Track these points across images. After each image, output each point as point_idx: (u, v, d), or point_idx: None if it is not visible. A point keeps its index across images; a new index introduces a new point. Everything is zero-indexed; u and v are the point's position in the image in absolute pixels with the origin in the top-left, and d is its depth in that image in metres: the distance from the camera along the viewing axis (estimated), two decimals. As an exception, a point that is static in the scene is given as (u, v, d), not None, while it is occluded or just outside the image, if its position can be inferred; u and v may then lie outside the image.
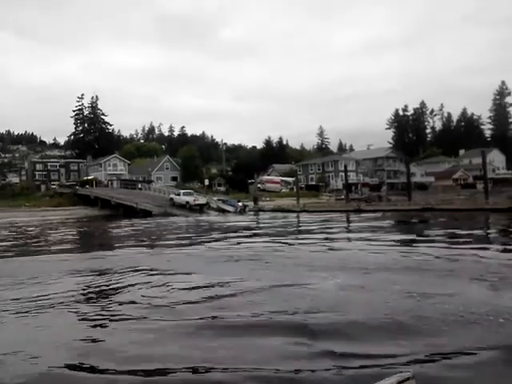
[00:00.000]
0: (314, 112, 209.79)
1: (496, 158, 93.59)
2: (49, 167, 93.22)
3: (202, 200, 50.96)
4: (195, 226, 29.08)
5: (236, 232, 21.80)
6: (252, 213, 44.97)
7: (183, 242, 18.04)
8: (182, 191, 55.26)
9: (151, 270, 10.06)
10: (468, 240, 14.74)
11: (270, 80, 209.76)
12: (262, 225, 28.68)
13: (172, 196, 54.08)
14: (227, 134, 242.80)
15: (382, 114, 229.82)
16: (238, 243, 15.87)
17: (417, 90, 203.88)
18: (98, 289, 8.39)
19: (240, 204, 47.89)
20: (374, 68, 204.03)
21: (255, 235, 20.32)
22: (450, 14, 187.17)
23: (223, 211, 46.14)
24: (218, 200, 50.64)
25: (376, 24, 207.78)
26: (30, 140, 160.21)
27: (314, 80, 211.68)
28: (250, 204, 51.00)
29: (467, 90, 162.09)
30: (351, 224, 26.28)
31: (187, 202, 49.83)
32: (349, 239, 17.08)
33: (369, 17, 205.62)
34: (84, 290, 8.31)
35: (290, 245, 15.07)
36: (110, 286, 8.49)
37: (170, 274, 9.42)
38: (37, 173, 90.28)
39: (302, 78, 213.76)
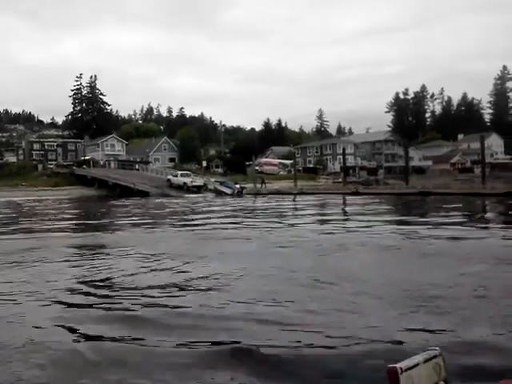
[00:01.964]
0: (314, 95, 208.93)
1: (495, 142, 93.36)
2: (46, 147, 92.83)
3: (199, 181, 51.04)
4: (189, 207, 29.01)
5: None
6: (249, 196, 44.83)
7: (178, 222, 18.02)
8: (180, 172, 55.34)
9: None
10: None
11: (271, 63, 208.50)
12: (258, 206, 28.63)
13: (169, 177, 54.17)
14: (226, 115, 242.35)
15: (383, 98, 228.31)
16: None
17: (418, 74, 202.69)
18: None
19: (237, 186, 47.81)
20: (375, 52, 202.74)
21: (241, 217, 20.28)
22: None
23: (220, 193, 46.08)
24: (216, 182, 50.49)
25: (378, 8, 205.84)
26: (27, 119, 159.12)
27: (314, 63, 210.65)
28: (249, 186, 50.70)
29: (468, 74, 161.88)
30: (348, 207, 26.31)
31: (184, 184, 49.96)
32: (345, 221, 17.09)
33: (371, 0, 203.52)
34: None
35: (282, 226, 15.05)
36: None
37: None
38: (34, 152, 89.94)
39: (303, 60, 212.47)
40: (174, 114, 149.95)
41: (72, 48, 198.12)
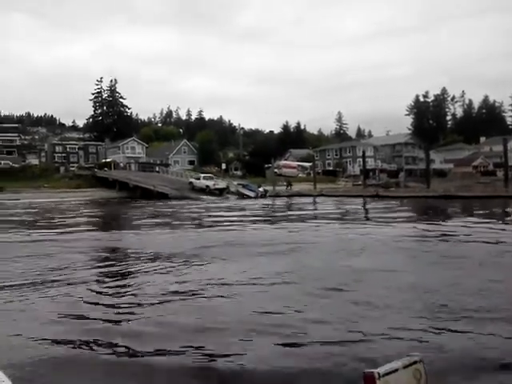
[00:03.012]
0: (332, 97, 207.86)
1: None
2: (68, 149, 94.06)
3: (221, 184, 50.59)
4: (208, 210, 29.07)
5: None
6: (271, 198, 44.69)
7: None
8: (202, 175, 55.02)
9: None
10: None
11: (287, 66, 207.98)
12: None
13: (191, 180, 53.84)
14: (245, 118, 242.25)
15: (402, 100, 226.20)
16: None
17: (438, 76, 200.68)
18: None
19: (261, 189, 47.32)
20: (394, 53, 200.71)
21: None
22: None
23: (243, 196, 45.88)
24: (239, 184, 50.13)
25: (396, 8, 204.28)
26: (49, 122, 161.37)
27: (332, 65, 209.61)
28: (269, 188, 50.47)
29: (489, 77, 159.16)
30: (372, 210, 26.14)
31: (207, 186, 49.51)
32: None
33: (386, 1, 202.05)
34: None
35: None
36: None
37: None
38: (56, 155, 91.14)
39: (320, 62, 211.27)
40: (193, 117, 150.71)
41: (91, 50, 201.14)
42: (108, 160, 76.63)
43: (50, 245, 11.85)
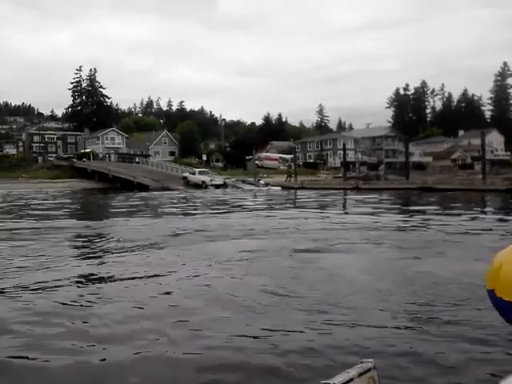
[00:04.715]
0: (315, 90, 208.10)
1: (495, 139, 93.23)
2: (46, 139, 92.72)
3: (218, 180, 49.31)
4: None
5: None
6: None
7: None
8: (198, 170, 53.48)
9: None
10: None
11: (271, 56, 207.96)
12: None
13: (186, 174, 52.58)
14: (226, 109, 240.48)
15: (383, 93, 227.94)
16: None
17: (418, 69, 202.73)
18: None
19: (262, 182, 45.87)
20: (376, 47, 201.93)
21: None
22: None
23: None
24: (237, 180, 48.73)
25: (378, 2, 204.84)
26: (27, 112, 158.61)
27: (315, 57, 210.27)
28: (251, 180, 49.98)
29: (469, 70, 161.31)
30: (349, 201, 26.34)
31: (203, 182, 48.31)
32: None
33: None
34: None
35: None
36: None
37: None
38: (34, 145, 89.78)
39: (303, 55, 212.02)
40: (174, 108, 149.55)
41: (71, 39, 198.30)
42: (87, 150, 75.82)
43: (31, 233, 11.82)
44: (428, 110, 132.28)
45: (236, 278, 6.51)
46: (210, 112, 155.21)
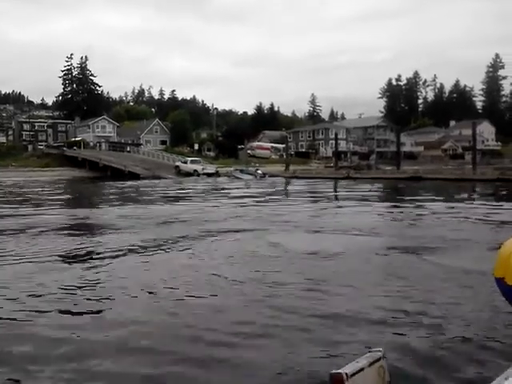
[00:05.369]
0: (307, 80, 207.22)
1: (486, 129, 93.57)
2: (36, 127, 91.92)
3: (210, 169, 49.00)
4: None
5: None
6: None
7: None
8: (190, 159, 53.16)
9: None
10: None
11: (264, 46, 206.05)
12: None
13: (178, 164, 52.14)
14: (219, 98, 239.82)
15: (376, 84, 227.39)
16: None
17: (411, 60, 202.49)
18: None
19: (259, 172, 44.88)
20: (369, 37, 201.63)
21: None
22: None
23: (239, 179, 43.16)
24: (236, 170, 47.62)
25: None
26: (17, 99, 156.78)
27: (307, 47, 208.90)
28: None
29: (461, 61, 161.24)
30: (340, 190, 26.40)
31: (195, 171, 48.09)
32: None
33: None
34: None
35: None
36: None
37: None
38: (24, 133, 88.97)
39: (296, 45, 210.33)
40: (166, 97, 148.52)
41: (62, 27, 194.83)
42: (78, 139, 75.30)
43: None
44: (420, 101, 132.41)
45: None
46: (202, 101, 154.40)
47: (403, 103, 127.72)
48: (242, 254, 7.21)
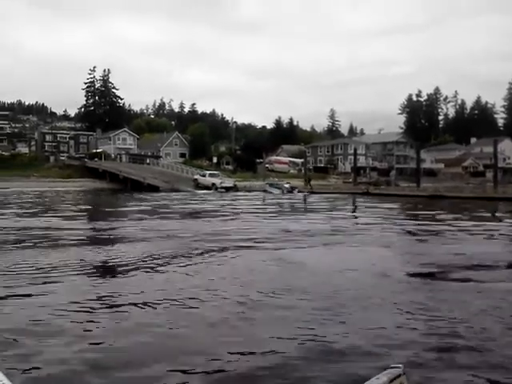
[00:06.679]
0: (326, 94, 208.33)
1: (507, 147, 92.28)
2: (58, 139, 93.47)
3: (228, 183, 48.94)
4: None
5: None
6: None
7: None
8: (208, 172, 53.25)
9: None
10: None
11: (283, 60, 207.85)
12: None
13: (196, 177, 52.31)
14: (238, 112, 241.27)
15: (395, 99, 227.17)
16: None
17: (431, 75, 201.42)
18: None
19: (286, 186, 44.22)
20: (389, 52, 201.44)
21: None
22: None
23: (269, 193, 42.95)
24: (266, 184, 47.15)
25: (393, 6, 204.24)
26: (40, 111, 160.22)
27: (327, 61, 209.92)
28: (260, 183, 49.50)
29: (482, 77, 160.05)
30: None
31: (213, 184, 48.00)
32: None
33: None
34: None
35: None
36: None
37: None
38: (46, 144, 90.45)
39: (316, 59, 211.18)
40: (186, 110, 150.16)
41: (84, 39, 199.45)
42: (99, 150, 76.23)
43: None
44: (441, 117, 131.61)
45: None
46: (222, 114, 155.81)
47: (423, 119, 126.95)
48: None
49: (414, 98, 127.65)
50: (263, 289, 5.92)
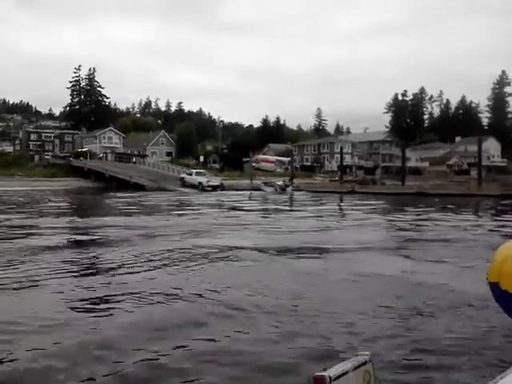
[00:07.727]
0: (313, 93, 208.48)
1: (492, 146, 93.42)
2: (43, 138, 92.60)
3: (215, 181, 48.85)
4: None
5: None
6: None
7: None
8: (195, 171, 52.90)
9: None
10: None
11: (270, 59, 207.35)
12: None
13: (183, 175, 52.09)
14: (225, 111, 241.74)
15: (381, 99, 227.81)
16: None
17: (417, 75, 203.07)
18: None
19: (279, 183, 43.96)
20: (376, 53, 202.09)
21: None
22: (454, 1, 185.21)
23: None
24: (262, 183, 46.61)
25: (378, 8, 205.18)
26: (24, 109, 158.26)
27: (314, 61, 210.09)
28: (246, 182, 49.81)
29: (467, 78, 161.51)
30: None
31: (200, 183, 47.77)
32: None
33: (372, 1, 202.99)
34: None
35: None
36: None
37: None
38: (31, 143, 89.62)
39: (303, 59, 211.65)
40: (173, 109, 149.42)
41: (71, 39, 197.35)
42: (84, 149, 75.69)
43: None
44: (426, 116, 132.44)
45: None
46: (209, 113, 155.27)
47: (409, 118, 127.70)
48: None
49: (400, 98, 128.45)
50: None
